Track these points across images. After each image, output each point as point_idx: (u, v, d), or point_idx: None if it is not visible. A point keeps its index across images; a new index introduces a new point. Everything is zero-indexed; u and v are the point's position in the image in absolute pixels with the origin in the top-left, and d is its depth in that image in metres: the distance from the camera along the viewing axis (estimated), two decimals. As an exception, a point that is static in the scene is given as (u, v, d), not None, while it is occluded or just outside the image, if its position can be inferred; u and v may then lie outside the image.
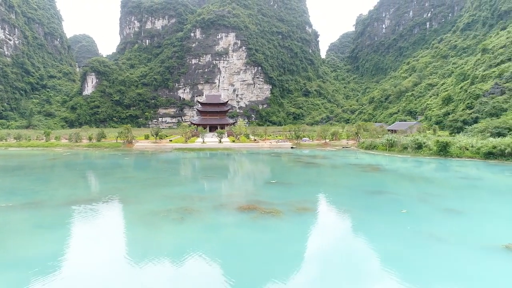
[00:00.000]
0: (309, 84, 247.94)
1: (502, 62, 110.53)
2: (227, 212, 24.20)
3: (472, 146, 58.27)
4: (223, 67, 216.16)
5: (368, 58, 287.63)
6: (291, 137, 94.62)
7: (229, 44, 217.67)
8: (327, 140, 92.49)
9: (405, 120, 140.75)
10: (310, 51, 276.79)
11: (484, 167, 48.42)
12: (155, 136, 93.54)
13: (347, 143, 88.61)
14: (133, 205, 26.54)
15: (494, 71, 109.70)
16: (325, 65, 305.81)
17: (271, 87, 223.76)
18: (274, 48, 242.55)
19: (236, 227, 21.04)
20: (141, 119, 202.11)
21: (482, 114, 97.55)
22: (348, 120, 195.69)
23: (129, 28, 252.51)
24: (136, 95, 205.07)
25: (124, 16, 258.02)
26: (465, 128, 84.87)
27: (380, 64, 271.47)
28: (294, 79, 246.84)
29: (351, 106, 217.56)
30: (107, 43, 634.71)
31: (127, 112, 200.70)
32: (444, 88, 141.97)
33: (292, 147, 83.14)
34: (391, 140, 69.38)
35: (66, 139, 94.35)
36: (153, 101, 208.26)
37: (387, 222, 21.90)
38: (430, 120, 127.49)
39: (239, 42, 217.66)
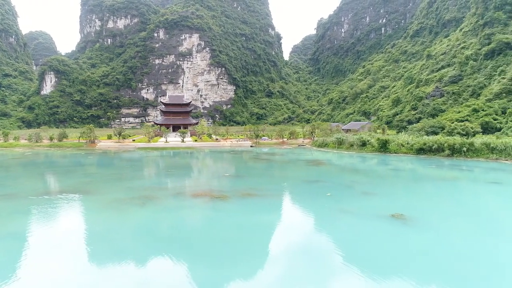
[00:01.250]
0: (272, 85, 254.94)
1: (443, 67, 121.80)
2: (183, 198, 28.59)
3: (407, 143, 65.85)
4: (187, 67, 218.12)
5: (328, 61, 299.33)
6: (251, 136, 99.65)
7: (193, 45, 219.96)
8: (285, 139, 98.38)
9: (359, 120, 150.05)
10: (273, 53, 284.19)
11: (414, 161, 55.77)
12: (118, 136, 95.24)
13: (303, 141, 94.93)
14: (100, 195, 30.19)
15: (435, 76, 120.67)
16: (288, 67, 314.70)
17: (235, 88, 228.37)
18: (238, 50, 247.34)
19: (189, 208, 25.54)
20: (103, 119, 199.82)
21: (424, 114, 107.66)
22: (309, 120, 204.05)
23: (90, 27, 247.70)
24: (97, 95, 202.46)
25: (85, 14, 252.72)
26: (407, 128, 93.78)
27: (339, 66, 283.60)
28: (257, 80, 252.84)
29: (311, 107, 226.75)
30: (66, 40, 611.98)
31: (88, 112, 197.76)
32: (394, 91, 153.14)
33: (251, 146, 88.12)
34: (339, 138, 76.17)
35: (25, 139, 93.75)
36: (115, 101, 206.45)
37: (312, 202, 27.25)
38: (381, 120, 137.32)
39: (203, 43, 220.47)
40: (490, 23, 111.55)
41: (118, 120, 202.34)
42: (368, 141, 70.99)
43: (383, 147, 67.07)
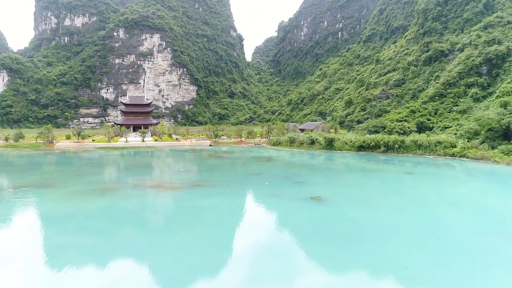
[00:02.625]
0: (234, 86, 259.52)
1: (389, 72, 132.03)
2: (139, 189, 32.64)
3: (350, 141, 73.01)
4: (148, 67, 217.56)
5: (289, 63, 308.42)
6: (210, 136, 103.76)
7: (154, 45, 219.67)
8: (243, 139, 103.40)
9: (315, 120, 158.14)
10: (235, 54, 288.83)
11: (353, 156, 62.65)
12: (77, 136, 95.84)
13: (259, 141, 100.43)
14: (62, 188, 33.45)
15: (382, 79, 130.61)
16: (250, 68, 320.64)
17: (197, 88, 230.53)
18: (200, 51, 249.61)
19: (143, 196, 29.72)
20: (61, 119, 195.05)
21: (371, 115, 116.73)
22: (269, 120, 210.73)
23: (45, 24, 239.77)
24: (54, 94, 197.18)
25: (40, 11, 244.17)
26: (352, 126, 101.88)
27: (299, 68, 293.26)
28: (219, 81, 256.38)
29: (272, 107, 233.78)
30: (17, 37, 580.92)
31: (44, 112, 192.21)
32: (348, 93, 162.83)
33: (210, 145, 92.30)
34: (291, 137, 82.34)
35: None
36: (73, 101, 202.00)
37: (251, 189, 32.33)
38: (335, 120, 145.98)
39: (164, 43, 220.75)
40: (429, 32, 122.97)
41: (76, 120, 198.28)
42: (316, 139, 77.58)
43: (329, 145, 73.87)
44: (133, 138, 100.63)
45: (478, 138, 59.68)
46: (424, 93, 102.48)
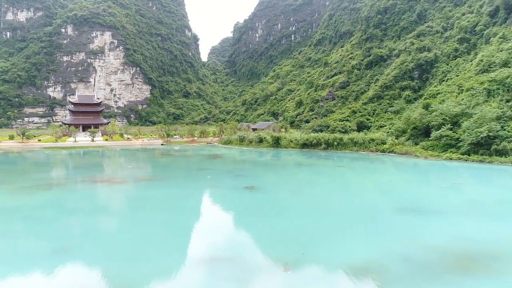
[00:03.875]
0: (189, 86, 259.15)
1: (335, 74, 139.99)
2: (86, 183, 34.44)
3: (295, 139, 77.95)
4: (99, 66, 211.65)
5: (244, 64, 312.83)
6: (163, 135, 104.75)
7: (105, 43, 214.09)
8: (196, 138, 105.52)
9: (268, 121, 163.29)
10: (190, 54, 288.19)
11: (296, 153, 67.40)
12: (21, 136, 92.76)
13: (212, 140, 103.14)
14: (8, 184, 34.33)
15: (330, 81, 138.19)
16: (205, 68, 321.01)
17: (150, 88, 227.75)
18: (154, 50, 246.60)
19: (91, 190, 31.70)
20: (3, 119, 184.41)
21: (318, 115, 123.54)
22: (224, 120, 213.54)
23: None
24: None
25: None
26: (300, 125, 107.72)
27: (254, 69, 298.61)
28: (174, 81, 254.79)
29: (227, 108, 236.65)
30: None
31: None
32: (299, 94, 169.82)
33: (162, 144, 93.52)
34: (241, 136, 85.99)
35: None
36: (17, 99, 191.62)
37: (193, 182, 35.33)
38: (287, 120, 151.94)
39: (116, 41, 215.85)
40: (370, 38, 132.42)
41: (20, 120, 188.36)
42: (264, 138, 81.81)
43: (276, 143, 78.37)
44: (83, 138, 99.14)
45: (404, 136, 66.84)
46: (365, 95, 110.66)
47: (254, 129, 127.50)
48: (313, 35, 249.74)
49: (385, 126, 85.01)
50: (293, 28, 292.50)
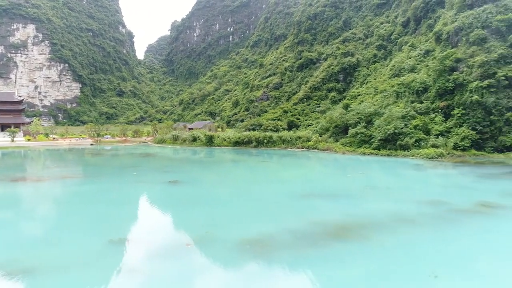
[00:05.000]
0: (124, 84, 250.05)
1: (270, 75, 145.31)
2: (1, 183, 33.36)
3: (228, 138, 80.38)
4: (21, 61, 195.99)
5: (182, 63, 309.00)
6: (93, 135, 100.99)
7: (28, 37, 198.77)
8: (129, 137, 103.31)
9: (205, 120, 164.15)
10: (125, 51, 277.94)
11: (229, 151, 69.80)
12: None
13: (145, 139, 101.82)
14: None
15: (264, 82, 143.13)
16: (141, 66, 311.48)
17: (81, 86, 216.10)
18: (84, 46, 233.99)
19: (8, 188, 30.92)
20: None
21: (253, 115, 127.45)
22: (161, 120, 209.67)
23: None
24: None
25: None
26: (235, 125, 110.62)
27: (192, 69, 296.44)
28: (107, 79, 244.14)
29: (163, 107, 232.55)
30: None
31: None
32: (235, 94, 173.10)
33: (91, 144, 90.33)
34: (175, 135, 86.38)
35: None
36: None
37: (119, 178, 35.90)
38: (224, 120, 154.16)
39: (40, 35, 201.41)
40: (302, 42, 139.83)
41: None
42: (198, 137, 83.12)
43: (210, 141, 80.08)
44: (1, 138, 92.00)
45: (327, 133, 72.53)
46: (296, 95, 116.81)
47: (190, 129, 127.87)
48: (250, 37, 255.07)
49: (312, 125, 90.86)
50: (231, 29, 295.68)
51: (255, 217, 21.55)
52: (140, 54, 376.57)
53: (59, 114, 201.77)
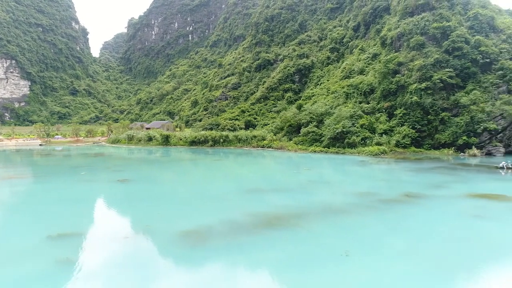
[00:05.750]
0: (78, 83, 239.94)
1: (228, 75, 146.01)
2: None
3: (184, 137, 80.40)
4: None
5: (140, 61, 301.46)
6: (43, 135, 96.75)
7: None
8: (82, 138, 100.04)
9: (164, 120, 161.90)
10: (78, 48, 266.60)
11: (185, 150, 69.96)
12: None
13: (99, 139, 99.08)
14: None
15: (223, 82, 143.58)
16: (97, 64, 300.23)
17: (30, 84, 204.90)
18: (33, 41, 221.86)
19: None
20: None
21: (212, 114, 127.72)
22: (117, 119, 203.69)
23: None
24: None
25: None
26: (193, 124, 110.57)
27: (151, 68, 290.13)
28: (59, 77, 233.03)
29: (120, 107, 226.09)
30: None
31: None
32: (194, 94, 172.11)
33: (41, 145, 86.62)
34: (130, 135, 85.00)
35: None
36: None
37: (68, 177, 35.41)
38: (182, 120, 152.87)
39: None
40: (259, 43, 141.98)
41: None
42: (154, 136, 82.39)
43: (166, 141, 79.69)
44: None
45: (281, 132, 74.79)
46: (254, 95, 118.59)
47: (148, 129, 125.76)
48: (210, 37, 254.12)
49: (268, 124, 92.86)
50: (190, 28, 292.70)
51: (197, 211, 22.58)
52: (95, 52, 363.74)
53: (6, 114, 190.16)
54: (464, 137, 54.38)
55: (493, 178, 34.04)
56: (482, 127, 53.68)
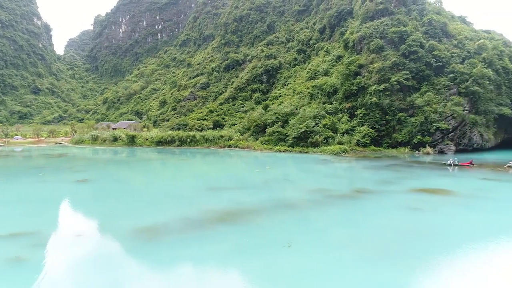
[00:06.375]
0: (40, 81, 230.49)
1: (197, 75, 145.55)
2: None
3: (151, 137, 79.68)
4: None
5: (107, 60, 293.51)
6: (0, 136, 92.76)
7: None
8: (43, 138, 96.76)
9: (131, 120, 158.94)
10: (41, 45, 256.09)
11: (151, 150, 69.38)
12: None
13: (62, 140, 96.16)
14: None
15: (192, 82, 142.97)
16: (61, 62, 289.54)
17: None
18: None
19: None
20: None
21: (180, 114, 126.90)
22: (82, 119, 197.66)
23: None
24: None
25: None
26: (161, 124, 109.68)
27: (118, 66, 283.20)
28: (19, 75, 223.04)
29: (86, 106, 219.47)
30: None
31: None
32: (163, 93, 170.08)
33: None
34: (94, 135, 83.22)
35: None
36: None
37: (23, 179, 34.67)
38: (150, 120, 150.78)
39: None
40: (228, 43, 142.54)
41: None
42: (119, 136, 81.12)
43: (131, 141, 78.65)
44: None
45: (248, 132, 75.83)
46: (222, 95, 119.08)
47: (114, 129, 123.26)
48: (179, 36, 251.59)
49: (236, 124, 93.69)
50: (160, 27, 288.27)
51: (155, 209, 23.06)
52: (59, 49, 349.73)
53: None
54: (419, 136, 57.61)
55: (440, 174, 36.52)
56: (435, 127, 57.02)
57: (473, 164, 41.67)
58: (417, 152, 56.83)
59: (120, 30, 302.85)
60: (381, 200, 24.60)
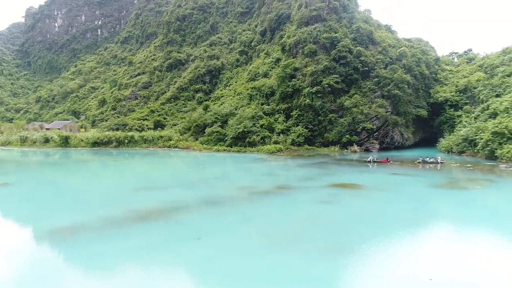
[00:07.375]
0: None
1: (139, 74, 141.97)
2: None
3: (86, 138, 76.87)
4: None
5: (41, 55, 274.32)
6: None
7: None
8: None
9: (68, 119, 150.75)
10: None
11: (86, 152, 67.09)
12: None
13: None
14: None
15: (133, 81, 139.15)
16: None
17: None
18: None
19: None
20: None
21: (120, 114, 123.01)
22: (12, 119, 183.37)
23: None
24: None
25: None
26: (99, 125, 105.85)
27: (54, 63, 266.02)
28: None
29: (16, 105, 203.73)
30: None
31: None
32: (102, 92, 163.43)
33: None
34: (23, 136, 78.38)
35: None
36: None
37: None
38: (89, 119, 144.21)
39: None
40: (171, 42, 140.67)
41: None
42: (51, 137, 77.22)
43: (65, 142, 75.32)
44: None
45: (188, 133, 76.16)
46: (164, 95, 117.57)
47: (48, 129, 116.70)
48: (121, 32, 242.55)
49: (177, 124, 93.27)
50: (100, 22, 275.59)
51: (76, 209, 23.17)
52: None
53: None
54: (348, 136, 62.08)
55: (359, 171, 40.10)
56: (361, 127, 61.81)
57: (389, 161, 46.10)
58: (345, 150, 61.21)
59: (56, 24, 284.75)
60: (297, 195, 26.87)
